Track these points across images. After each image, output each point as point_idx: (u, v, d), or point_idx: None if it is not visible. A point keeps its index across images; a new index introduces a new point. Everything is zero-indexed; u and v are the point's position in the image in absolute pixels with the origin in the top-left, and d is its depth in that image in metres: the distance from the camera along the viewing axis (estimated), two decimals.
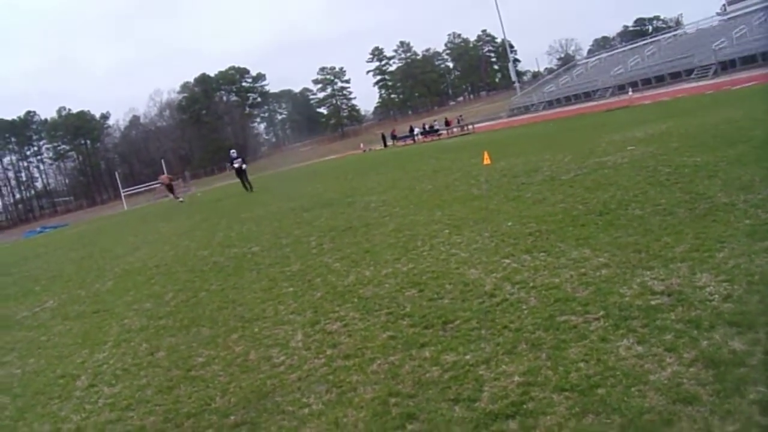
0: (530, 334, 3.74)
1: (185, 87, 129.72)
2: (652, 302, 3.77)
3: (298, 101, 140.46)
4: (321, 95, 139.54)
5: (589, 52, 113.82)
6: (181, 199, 37.03)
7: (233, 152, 30.49)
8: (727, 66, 40.65)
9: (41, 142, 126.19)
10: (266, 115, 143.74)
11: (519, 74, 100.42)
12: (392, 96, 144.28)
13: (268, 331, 5.17)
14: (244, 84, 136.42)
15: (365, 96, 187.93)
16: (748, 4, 51.56)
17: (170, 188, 38.19)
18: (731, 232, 4.82)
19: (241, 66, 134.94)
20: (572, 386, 2.99)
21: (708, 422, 2.51)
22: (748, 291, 3.61)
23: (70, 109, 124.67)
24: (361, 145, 76.91)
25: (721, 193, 6.18)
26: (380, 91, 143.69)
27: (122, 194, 79.34)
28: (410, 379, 3.52)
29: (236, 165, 29.01)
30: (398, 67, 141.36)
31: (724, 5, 57.80)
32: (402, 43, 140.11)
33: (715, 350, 3.00)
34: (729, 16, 54.06)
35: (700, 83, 36.79)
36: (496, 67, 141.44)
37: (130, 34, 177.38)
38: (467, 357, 3.63)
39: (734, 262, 4.12)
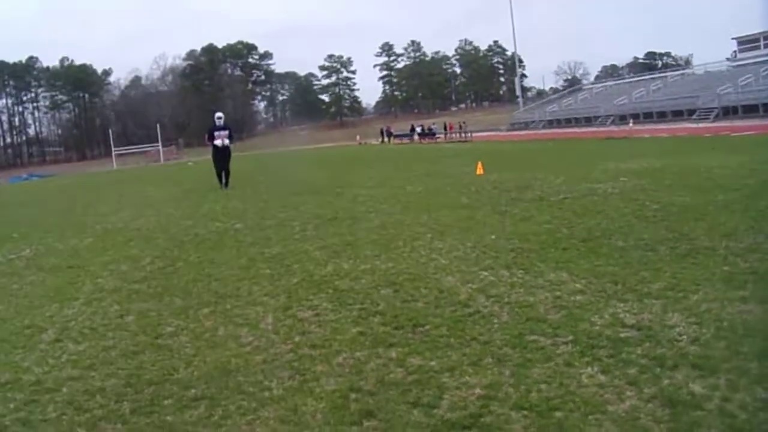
0: (497, 349, 3.76)
1: (191, 55, 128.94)
2: (621, 334, 3.81)
3: (302, 85, 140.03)
4: (325, 82, 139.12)
5: (597, 78, 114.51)
6: None
7: (219, 116, 18.67)
8: (729, 111, 40.92)
9: (39, 90, 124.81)
10: (268, 94, 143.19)
11: (524, 89, 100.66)
12: (396, 93, 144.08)
13: (239, 309, 5.17)
14: (250, 60, 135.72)
15: (368, 89, 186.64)
16: (759, 54, 51.88)
17: None
18: (708, 277, 4.87)
19: (250, 41, 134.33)
20: (531, 406, 3.01)
21: None
22: (715, 336, 3.65)
23: (73, 60, 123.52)
24: (358, 137, 76.82)
25: (704, 236, 6.24)
26: (384, 87, 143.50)
27: (113, 152, 78.86)
28: (373, 377, 3.53)
29: (217, 141, 17.99)
30: (405, 65, 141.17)
31: (735, 51, 58.17)
32: (413, 42, 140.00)
33: (675, 390, 3.03)
34: (738, 63, 54.36)
35: (701, 125, 37.02)
36: (502, 79, 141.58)
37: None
38: (432, 363, 3.65)
39: (707, 306, 4.16)
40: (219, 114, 18.79)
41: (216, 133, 17.96)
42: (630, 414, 2.86)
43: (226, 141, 18.14)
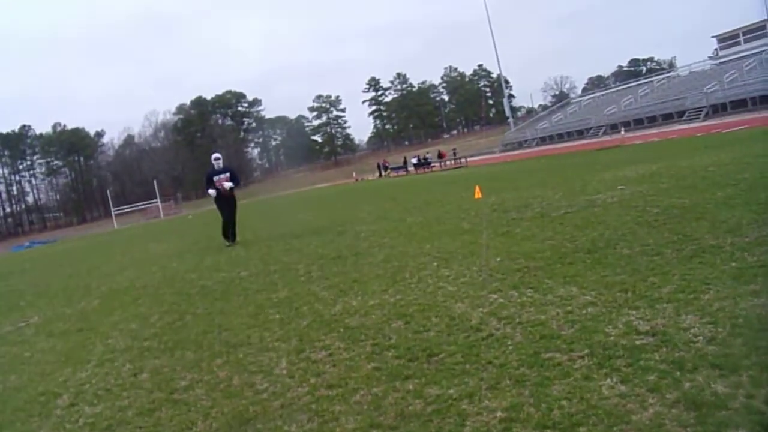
0: (514, 370, 3.74)
1: (181, 109, 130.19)
2: (637, 342, 3.79)
3: (293, 128, 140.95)
4: (316, 123, 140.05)
5: (584, 90, 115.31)
6: None
7: (216, 157, 15.40)
8: (718, 109, 41.20)
9: (35, 157, 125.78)
10: (261, 140, 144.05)
11: (513, 110, 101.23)
12: (387, 126, 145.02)
13: (252, 357, 5.14)
14: (240, 108, 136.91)
15: (360, 125, 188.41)
16: (740, 49, 52.41)
17: None
18: (717, 275, 4.85)
19: (238, 90, 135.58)
20: (554, 424, 2.99)
21: None
22: (732, 334, 3.63)
23: (65, 126, 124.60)
24: (354, 174, 77.20)
25: (708, 235, 6.23)
26: (375, 122, 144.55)
27: (113, 213, 79.06)
28: (393, 411, 3.50)
29: (220, 186, 14.75)
30: (394, 98, 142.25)
31: (716, 49, 58.72)
32: (398, 74, 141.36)
33: (697, 392, 3.01)
34: (721, 60, 54.87)
35: (692, 125, 37.21)
36: (491, 102, 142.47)
37: (127, 56, 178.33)
38: (451, 391, 3.62)
39: (719, 305, 4.15)
40: (216, 155, 15.56)
41: (216, 178, 14.78)
42: (654, 421, 2.83)
43: (228, 185, 14.83)
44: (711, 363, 3.30)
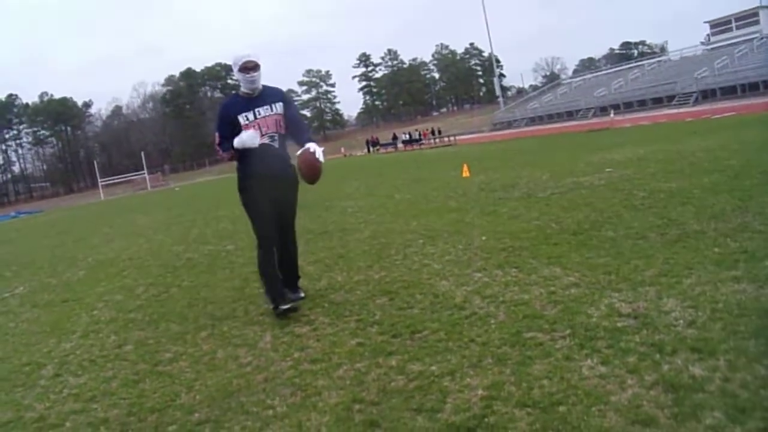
0: (496, 349, 3.77)
1: (170, 80, 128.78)
2: (618, 324, 3.83)
3: None
4: (305, 97, 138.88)
5: (575, 71, 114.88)
6: None
7: (251, 64, 5.45)
8: (708, 95, 41.27)
9: (21, 126, 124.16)
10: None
11: (504, 89, 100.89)
12: (376, 103, 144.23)
13: (237, 330, 5.17)
14: (229, 81, 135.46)
15: (349, 101, 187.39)
16: (731, 36, 52.48)
17: None
18: (700, 260, 4.90)
19: (228, 63, 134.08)
20: (534, 402, 3.02)
21: None
22: (711, 318, 3.68)
23: (52, 95, 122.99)
24: (342, 150, 76.94)
25: (693, 220, 6.28)
26: (365, 97, 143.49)
27: (100, 184, 78.42)
28: (375, 387, 3.53)
29: (252, 137, 5.24)
30: (384, 75, 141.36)
31: (708, 35, 58.72)
32: (389, 50, 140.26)
33: (675, 375, 3.05)
34: (712, 46, 54.92)
35: (681, 110, 37.28)
36: (481, 80, 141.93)
37: (114, 26, 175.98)
38: (433, 368, 3.65)
39: (701, 289, 4.19)
40: (246, 56, 5.56)
41: (245, 117, 5.45)
42: (633, 402, 2.87)
43: (277, 136, 5.61)
44: (690, 346, 3.34)
